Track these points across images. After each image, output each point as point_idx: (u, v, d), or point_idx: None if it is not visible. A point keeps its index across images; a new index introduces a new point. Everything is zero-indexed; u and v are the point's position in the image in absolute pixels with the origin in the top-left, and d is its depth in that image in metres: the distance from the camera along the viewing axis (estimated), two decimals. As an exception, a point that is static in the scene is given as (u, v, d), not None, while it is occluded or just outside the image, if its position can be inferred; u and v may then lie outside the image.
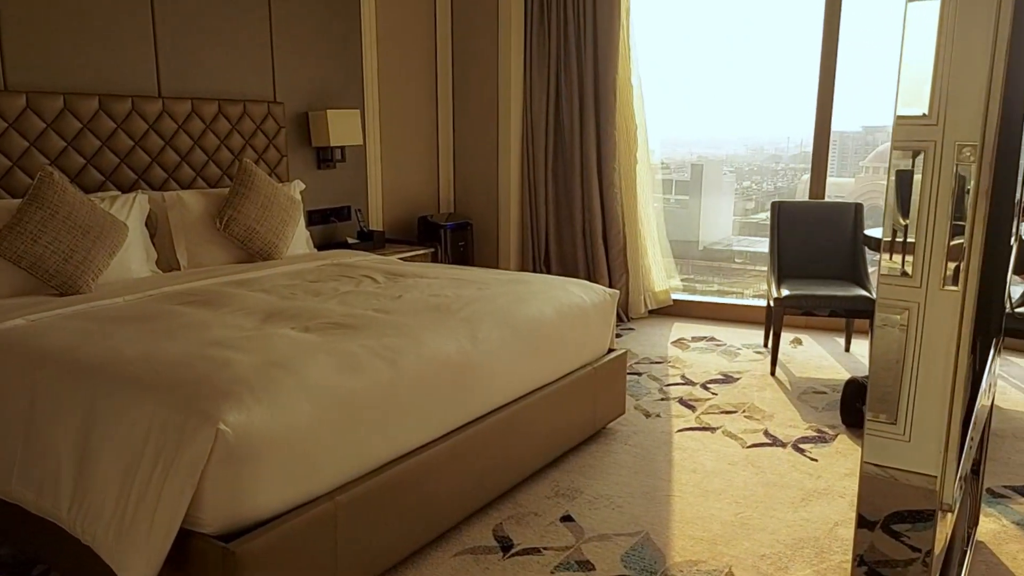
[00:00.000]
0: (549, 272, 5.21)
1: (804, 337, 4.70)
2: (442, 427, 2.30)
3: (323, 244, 4.42)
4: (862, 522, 1.33)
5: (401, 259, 4.13)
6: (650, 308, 5.20)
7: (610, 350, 3.21)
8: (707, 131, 6.21)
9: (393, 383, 2.11)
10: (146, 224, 3.35)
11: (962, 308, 1.21)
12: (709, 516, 2.56)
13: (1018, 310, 3.57)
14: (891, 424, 1.28)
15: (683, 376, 3.99)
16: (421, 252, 4.59)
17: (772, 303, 4.00)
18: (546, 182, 5.12)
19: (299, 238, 3.89)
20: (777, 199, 4.37)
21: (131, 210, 3.24)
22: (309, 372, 1.96)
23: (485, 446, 2.45)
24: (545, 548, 2.35)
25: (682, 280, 5.67)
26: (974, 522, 2.43)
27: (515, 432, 2.59)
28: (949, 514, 1.41)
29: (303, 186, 4.13)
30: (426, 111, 5.24)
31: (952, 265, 1.20)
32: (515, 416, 2.58)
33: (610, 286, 5.02)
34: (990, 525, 2.51)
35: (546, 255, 5.23)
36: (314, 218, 4.45)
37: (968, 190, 1.18)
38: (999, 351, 2.35)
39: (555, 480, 2.80)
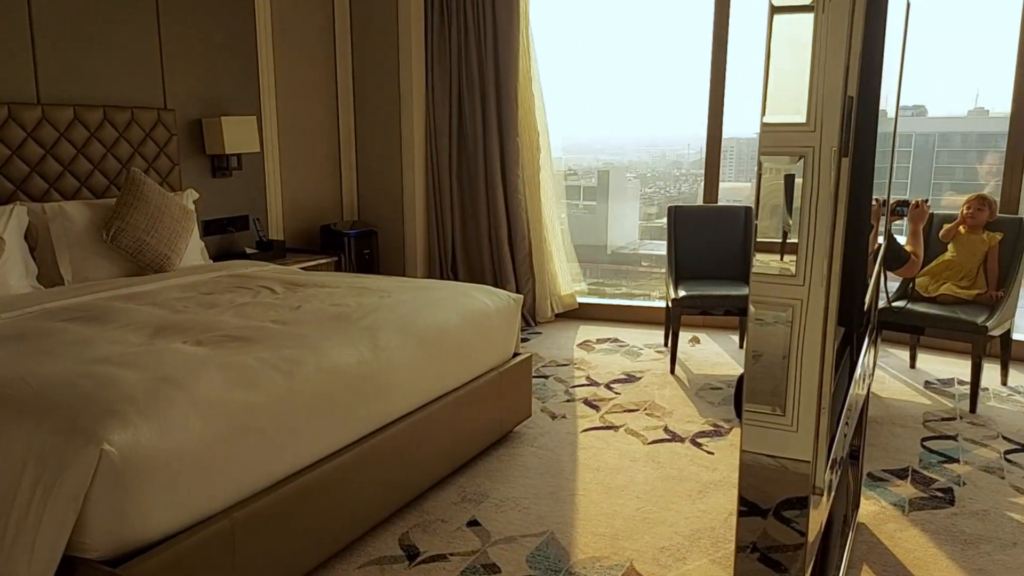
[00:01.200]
0: (456, 279, 5.21)
1: (702, 335, 4.88)
2: (344, 438, 2.27)
3: (220, 255, 4.28)
4: (744, 510, 1.39)
5: (302, 269, 4.05)
6: (557, 312, 5.28)
7: (515, 354, 3.25)
8: (612, 138, 6.38)
9: (291, 395, 2.07)
10: (25, 237, 3.17)
11: (826, 303, 1.30)
12: (612, 512, 2.62)
13: (894, 304, 3.82)
14: (766, 414, 1.35)
15: (588, 377, 4.07)
16: (324, 261, 4.52)
17: (670, 304, 4.14)
18: (451, 189, 5.13)
19: (193, 249, 3.76)
20: (679, 203, 4.53)
21: (8, 223, 3.05)
22: (200, 387, 1.90)
23: (389, 455, 2.43)
24: (451, 554, 2.35)
25: (591, 284, 5.80)
26: (855, 505, 2.58)
27: (420, 440, 2.58)
28: (823, 498, 1.50)
29: (197, 195, 3.99)
30: (326, 117, 5.16)
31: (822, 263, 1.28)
32: (420, 424, 2.57)
33: (517, 291, 5.07)
34: (870, 507, 2.68)
35: (453, 262, 5.24)
36: (210, 228, 4.30)
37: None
38: (875, 343, 2.52)
39: (462, 485, 2.81)
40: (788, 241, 1.30)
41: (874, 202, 2.65)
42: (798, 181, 1.29)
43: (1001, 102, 4.46)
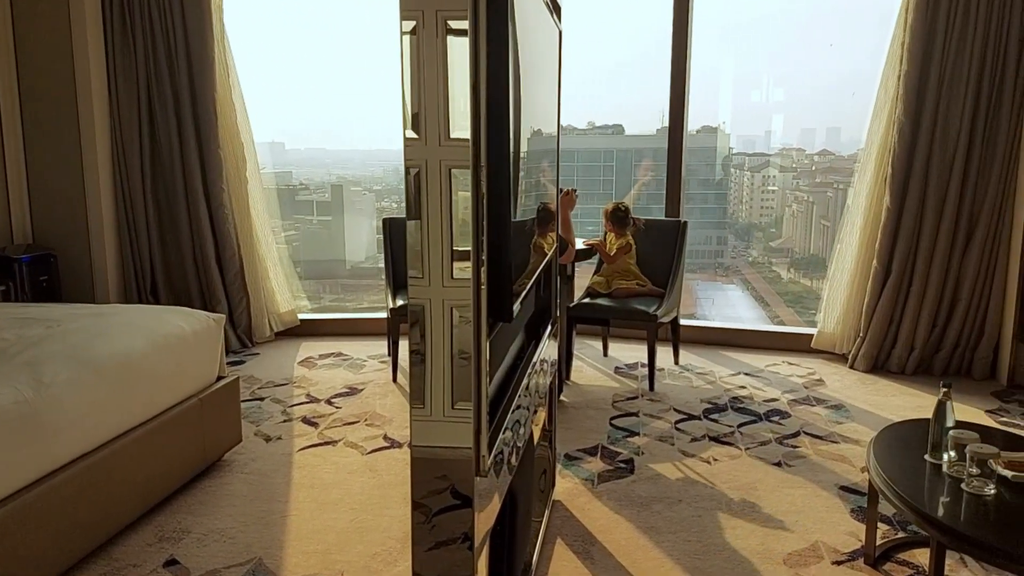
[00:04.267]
0: (158, 302, 4.82)
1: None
2: (4, 488, 2.00)
3: None
4: (418, 501, 1.46)
5: (-42, 302, 3.48)
6: (277, 330, 5.10)
7: (220, 378, 3.08)
8: (343, 152, 6.31)
9: (-78, 449, 1.77)
10: None
11: (477, 300, 1.41)
12: (325, 528, 2.60)
13: (583, 300, 4.23)
14: (429, 409, 1.43)
15: (308, 394, 3.99)
16: (-11, 292, 3.93)
17: (389, 313, 4.21)
18: (146, 205, 4.73)
19: None
20: (392, 216, 4.60)
21: None
22: None
23: (65, 502, 2.18)
24: (145, 599, 2.17)
25: (332, 299, 5.67)
26: (551, 484, 2.82)
27: (104, 481, 2.35)
28: (496, 479, 1.63)
29: None
30: (-14, 128, 4.49)
31: (465, 264, 1.39)
32: (102, 463, 2.34)
33: (229, 311, 4.82)
34: (566, 484, 2.94)
35: (153, 284, 4.83)
36: None
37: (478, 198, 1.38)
38: (564, 335, 2.77)
39: (159, 524, 2.60)
40: (430, 246, 1.38)
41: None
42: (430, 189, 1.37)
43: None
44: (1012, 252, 4.05)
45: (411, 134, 1.32)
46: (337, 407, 3.80)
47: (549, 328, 2.59)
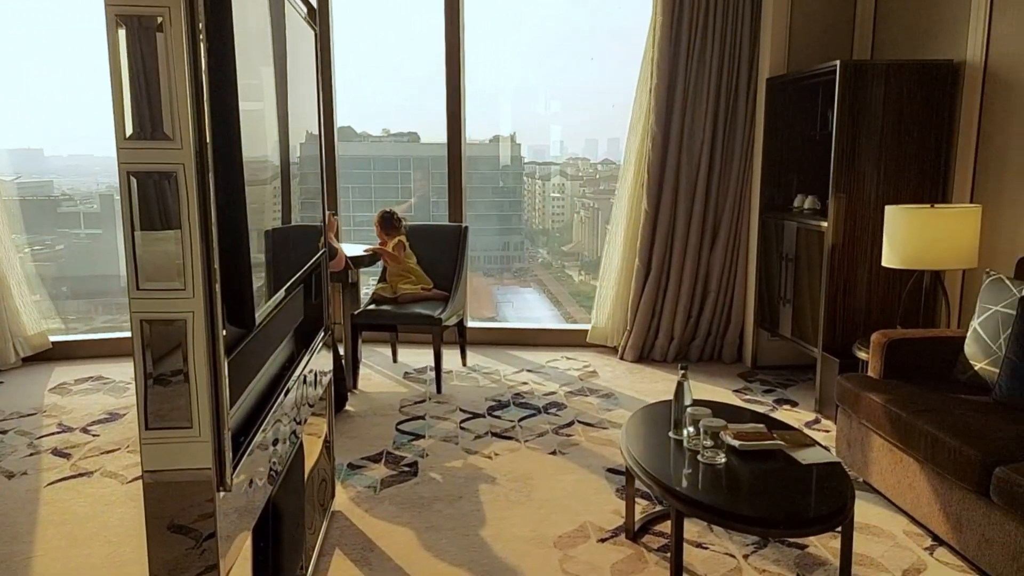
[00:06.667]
0: None
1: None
2: None
3: None
4: (155, 531, 1.38)
5: None
6: (24, 355, 4.57)
7: (-58, 412, 2.71)
8: (114, 159, 5.75)
9: None
10: None
11: (211, 311, 1.36)
12: (78, 565, 2.37)
13: (369, 307, 4.21)
14: (166, 429, 1.36)
15: (60, 424, 3.62)
16: None
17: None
18: None
19: None
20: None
21: None
22: None
23: None
24: None
25: (106, 320, 5.14)
26: (331, 495, 2.77)
27: None
28: (224, 494, 1.57)
29: None
30: None
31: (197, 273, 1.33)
32: None
33: (-37, 337, 4.25)
34: (348, 494, 2.91)
35: None
36: None
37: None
38: (329, 346, 2.72)
39: None
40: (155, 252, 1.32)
41: (328, 215, 2.89)
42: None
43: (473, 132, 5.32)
44: (750, 249, 4.57)
45: (130, 137, 1.25)
46: (94, 435, 3.48)
47: (321, 337, 2.55)
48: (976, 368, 2.81)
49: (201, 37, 1.28)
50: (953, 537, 2.42)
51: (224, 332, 1.39)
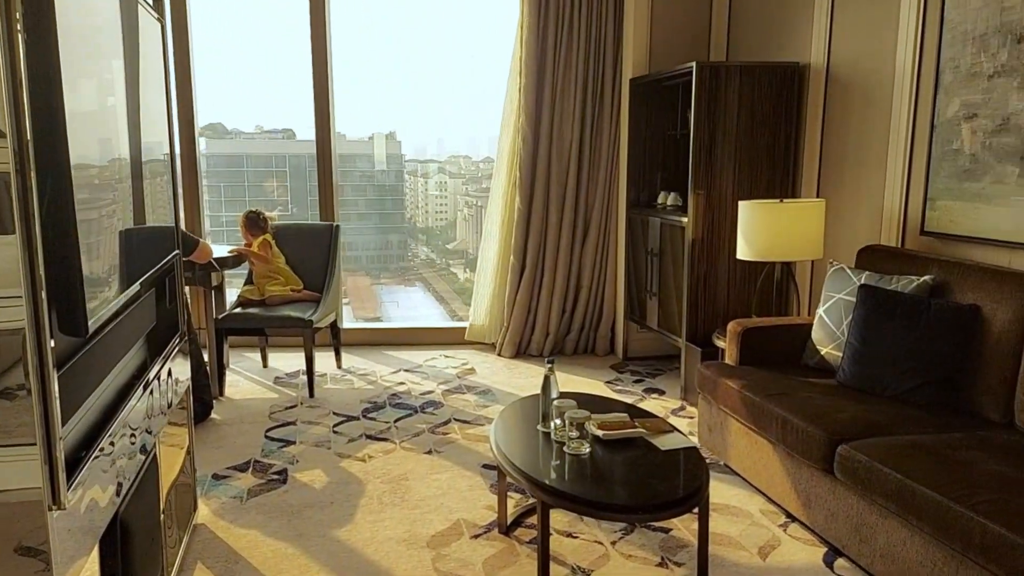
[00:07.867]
0: None
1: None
2: None
3: None
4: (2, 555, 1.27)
5: None
6: None
7: None
8: None
9: None
10: None
11: (36, 320, 1.26)
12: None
13: (235, 311, 4.04)
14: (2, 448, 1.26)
15: None
16: None
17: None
18: None
19: None
20: None
21: None
22: None
23: None
24: None
25: None
26: (193, 508, 2.64)
27: None
28: (59, 512, 1.48)
29: None
30: None
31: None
32: None
33: None
34: (212, 505, 2.78)
35: None
36: None
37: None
38: (185, 353, 2.59)
39: None
40: None
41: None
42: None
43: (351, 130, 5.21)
44: (619, 243, 4.72)
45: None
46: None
47: (176, 343, 2.42)
48: (823, 353, 3.02)
49: (19, 28, 1.19)
50: (804, 513, 2.59)
51: (52, 342, 1.30)
